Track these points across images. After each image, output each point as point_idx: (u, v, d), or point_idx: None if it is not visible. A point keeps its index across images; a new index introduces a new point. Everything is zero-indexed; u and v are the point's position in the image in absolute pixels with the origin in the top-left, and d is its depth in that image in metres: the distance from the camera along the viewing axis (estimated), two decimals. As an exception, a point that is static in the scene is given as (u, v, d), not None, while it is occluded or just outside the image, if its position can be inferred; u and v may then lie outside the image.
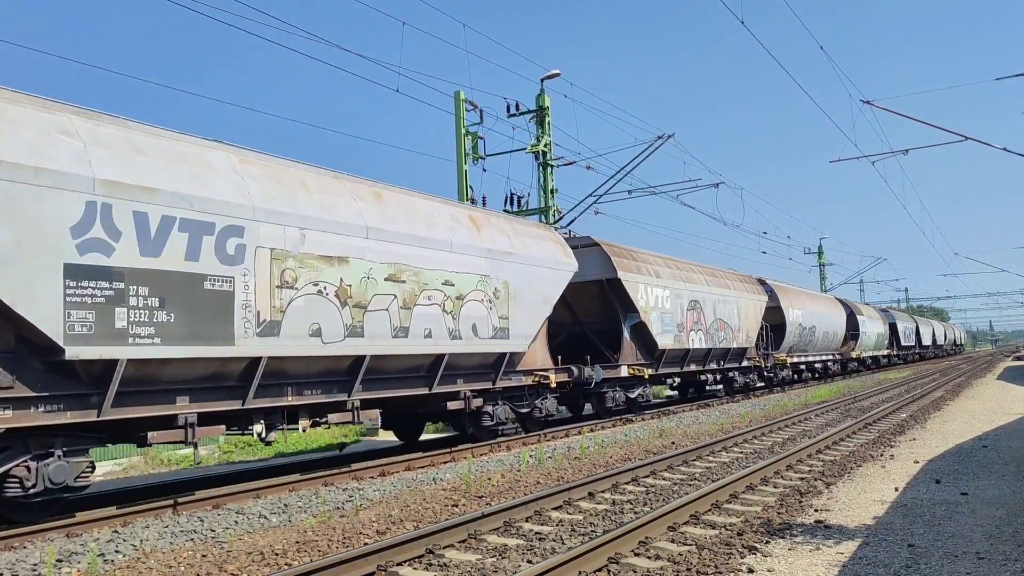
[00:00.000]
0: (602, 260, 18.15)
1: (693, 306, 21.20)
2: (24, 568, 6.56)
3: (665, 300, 19.67)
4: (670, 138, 25.86)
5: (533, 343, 14.50)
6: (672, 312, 19.95)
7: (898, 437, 13.88)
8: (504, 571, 6.05)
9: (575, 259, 15.81)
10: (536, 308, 14.32)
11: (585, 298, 18.68)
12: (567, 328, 19.22)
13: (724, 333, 23.27)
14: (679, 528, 7.21)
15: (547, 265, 14.80)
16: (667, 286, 19.92)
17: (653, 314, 19.00)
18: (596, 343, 18.80)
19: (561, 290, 15.12)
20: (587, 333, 19.07)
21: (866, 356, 44.23)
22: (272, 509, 8.81)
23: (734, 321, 24.23)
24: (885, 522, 7.34)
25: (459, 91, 24.49)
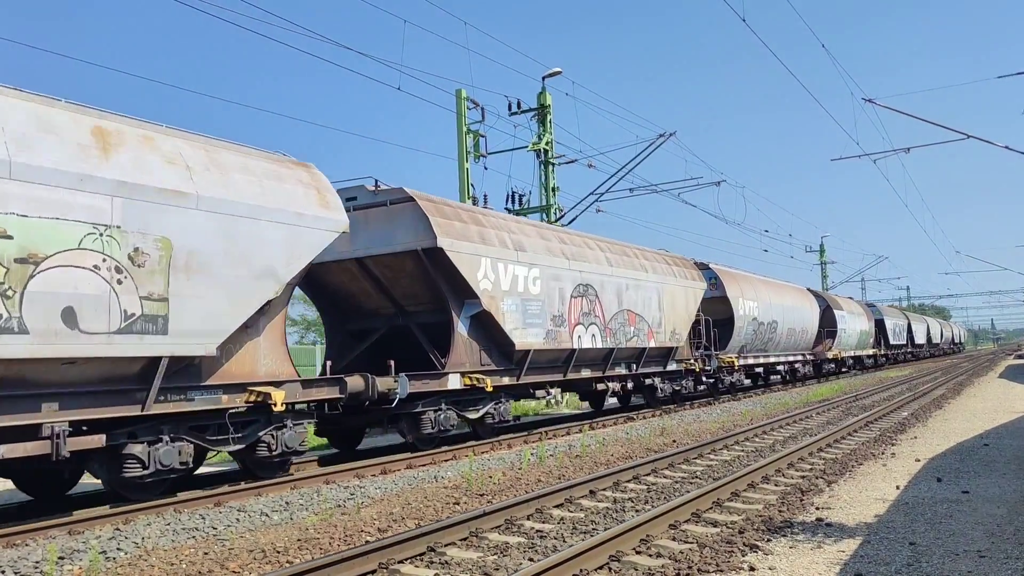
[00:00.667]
0: (417, 221, 12.73)
1: (582, 292, 16.26)
2: (26, 565, 6.57)
3: (531, 283, 14.65)
4: (671, 136, 25.87)
5: (248, 341, 9.78)
6: (544, 299, 14.97)
7: (899, 435, 13.88)
8: (505, 569, 6.06)
9: (343, 214, 10.85)
10: (244, 286, 9.35)
11: (405, 278, 13.44)
12: (387, 321, 14.29)
13: (635, 329, 18.19)
14: (680, 526, 7.21)
15: (275, 218, 9.77)
16: (534, 263, 14.78)
17: (507, 301, 13.91)
18: (422, 342, 13.75)
19: (309, 259, 10.25)
20: (412, 328, 13.96)
21: (846, 356, 39.28)
22: (273, 507, 8.82)
23: (652, 313, 19.13)
24: (886, 520, 7.34)
25: (460, 89, 24.51)
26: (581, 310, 16.17)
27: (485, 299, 13.43)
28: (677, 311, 20.44)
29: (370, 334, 14.33)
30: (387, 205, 13.00)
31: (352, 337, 14.62)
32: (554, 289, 15.35)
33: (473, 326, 13.64)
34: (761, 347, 27.25)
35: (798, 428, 15.56)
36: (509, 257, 14.17)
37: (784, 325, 28.95)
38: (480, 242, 13.54)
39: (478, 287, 13.28)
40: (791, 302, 30.57)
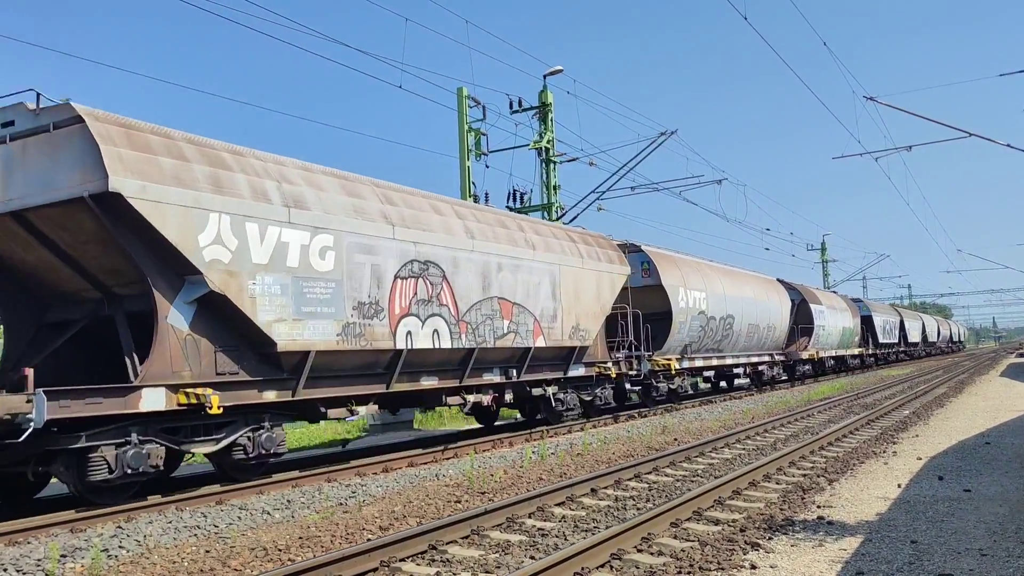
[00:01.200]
0: (85, 153, 8.54)
1: (418, 272, 11.98)
2: (28, 563, 6.58)
3: (315, 254, 10.43)
4: (673, 134, 25.85)
5: None
6: (342, 279, 10.70)
7: (901, 434, 13.87)
8: (507, 567, 6.06)
9: None
10: None
11: (91, 244, 9.25)
12: (90, 309, 10.06)
13: (512, 323, 13.97)
14: (682, 524, 7.21)
15: None
16: (323, 227, 10.53)
17: (261, 280, 9.75)
18: (122, 339, 9.63)
19: None
20: (117, 319, 9.83)
21: (826, 356, 34.87)
22: (275, 505, 8.83)
23: (541, 303, 14.83)
24: (888, 518, 7.34)
25: (462, 87, 24.50)
26: (415, 296, 11.85)
27: (216, 275, 9.24)
28: (584, 301, 16.19)
29: (67, 327, 10.16)
30: (50, 131, 8.79)
31: (53, 331, 10.36)
32: (362, 266, 10.98)
33: (200, 316, 9.37)
34: (713, 347, 23.18)
35: (799, 426, 15.56)
36: (271, 215, 9.89)
37: (743, 321, 24.86)
38: (210, 188, 9.27)
39: (202, 257, 9.10)
40: (753, 294, 26.37)
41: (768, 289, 28.30)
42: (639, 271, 19.90)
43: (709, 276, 23.17)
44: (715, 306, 22.66)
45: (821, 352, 33.75)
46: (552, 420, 16.38)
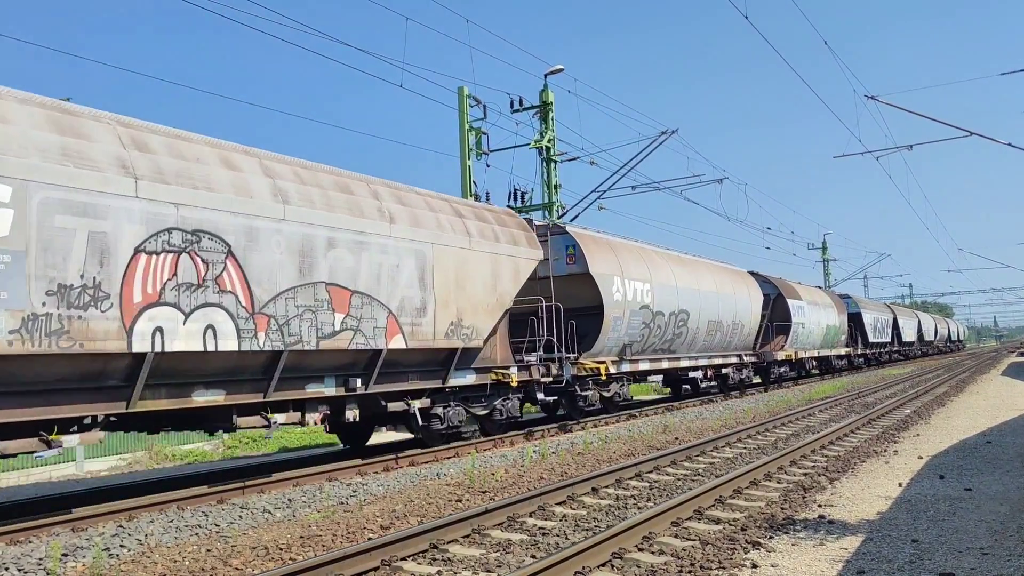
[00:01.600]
0: None
1: (184, 246, 8.64)
2: (29, 562, 6.59)
3: None
4: (674, 133, 25.84)
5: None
6: (26, 249, 7.33)
7: (901, 433, 13.87)
8: (508, 566, 6.06)
9: None
10: None
11: None
12: None
13: (351, 318, 10.55)
14: (683, 523, 7.21)
15: None
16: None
17: None
18: None
19: None
20: None
21: (807, 357, 31.36)
22: (276, 504, 8.83)
23: (402, 294, 11.41)
24: (889, 517, 7.33)
25: (462, 87, 24.49)
26: (173, 279, 8.51)
27: None
28: (471, 291, 12.76)
29: None
30: None
31: None
32: (70, 233, 7.66)
33: None
34: (663, 347, 19.74)
35: (800, 426, 15.55)
36: None
37: (701, 317, 21.37)
38: None
39: None
40: (714, 286, 22.57)
41: (735, 282, 24.75)
42: (563, 256, 16.53)
43: (656, 265, 19.55)
44: (664, 300, 19.13)
45: (801, 352, 30.39)
46: (430, 441, 13.04)
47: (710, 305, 21.91)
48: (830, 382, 31.29)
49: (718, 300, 22.51)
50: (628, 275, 17.72)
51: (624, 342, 17.61)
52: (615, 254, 17.81)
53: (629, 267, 18.01)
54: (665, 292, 19.30)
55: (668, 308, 19.33)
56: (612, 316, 16.86)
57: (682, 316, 20.18)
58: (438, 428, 12.60)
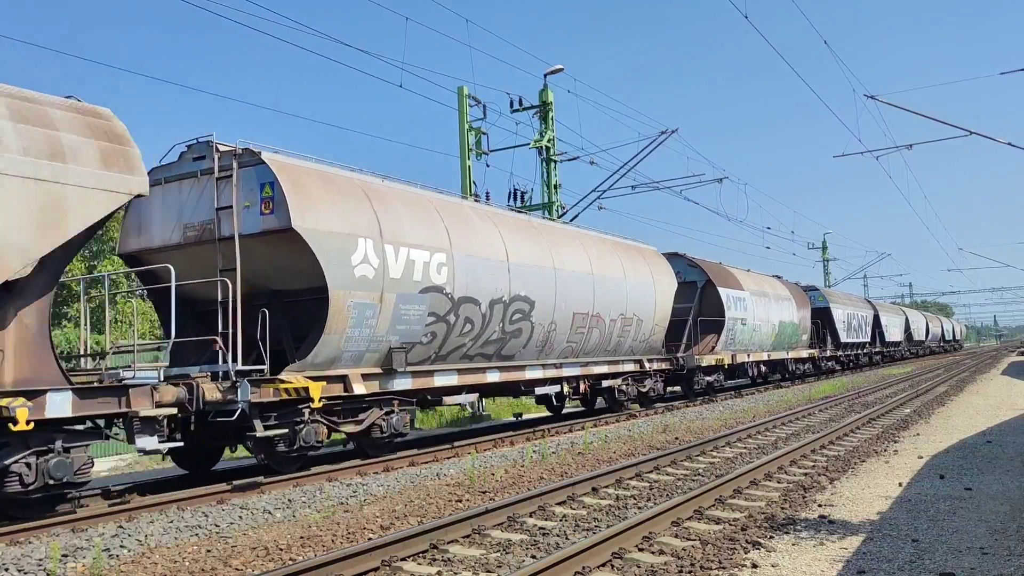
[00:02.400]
0: None
1: None
2: (29, 563, 6.58)
3: None
4: (673, 133, 25.85)
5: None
6: None
7: (901, 432, 13.87)
8: (508, 566, 6.06)
9: None
10: None
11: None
12: None
13: None
14: (683, 523, 7.21)
15: None
16: None
17: None
18: None
19: None
20: None
21: (750, 361, 25.64)
22: (276, 504, 8.83)
23: None
24: (889, 517, 7.33)
25: (462, 87, 24.51)
26: None
27: None
28: None
29: None
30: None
31: None
32: None
33: None
34: (480, 351, 13.67)
35: (800, 425, 15.55)
36: None
37: (562, 308, 15.42)
38: None
39: None
40: (590, 266, 16.57)
41: (628, 261, 18.43)
42: (258, 204, 10.51)
43: (467, 227, 13.25)
44: (477, 280, 13.03)
45: (742, 355, 24.79)
46: None
47: (580, 292, 15.95)
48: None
49: (595, 285, 16.52)
50: (390, 238, 11.52)
51: (391, 344, 11.64)
52: (368, 202, 11.47)
53: (393, 225, 11.65)
54: (480, 268, 13.21)
55: (488, 293, 13.33)
56: (346, 304, 10.77)
57: (519, 306, 14.17)
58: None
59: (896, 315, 52.49)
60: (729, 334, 23.87)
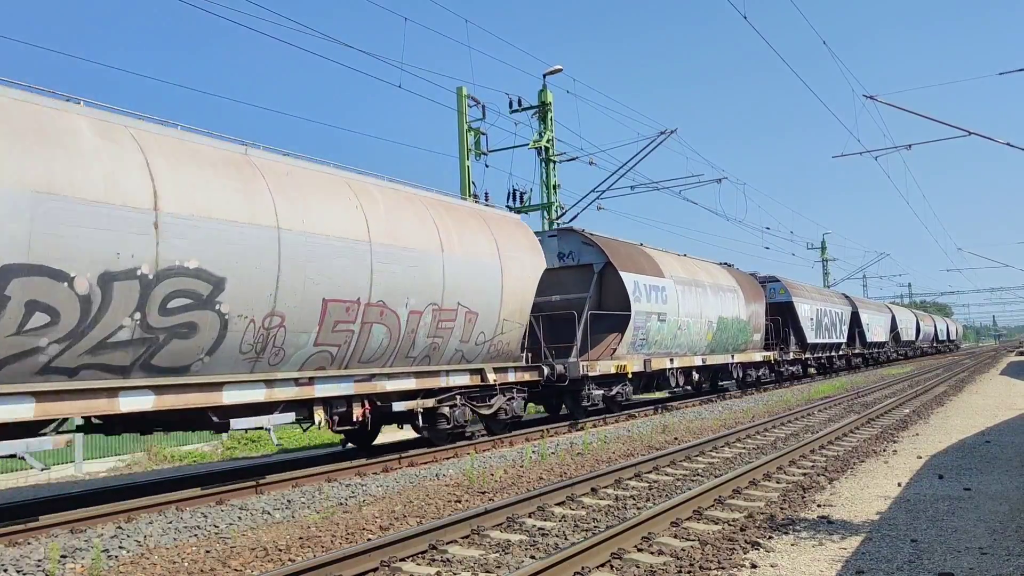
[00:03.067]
0: None
1: None
2: (28, 564, 6.58)
3: None
4: (672, 133, 25.85)
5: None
6: None
7: (901, 432, 13.87)
8: (507, 567, 6.06)
9: None
10: None
11: None
12: None
13: None
14: (682, 524, 7.21)
15: None
16: None
17: None
18: None
19: None
20: None
21: (675, 368, 19.95)
22: (275, 505, 8.83)
23: None
24: (888, 517, 7.34)
25: (461, 87, 24.51)
26: None
27: None
28: None
29: None
30: None
31: None
32: None
33: None
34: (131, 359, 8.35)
35: (799, 425, 15.56)
36: None
37: (284, 290, 9.78)
38: None
39: None
40: (352, 228, 10.81)
41: (454, 227, 12.94)
42: None
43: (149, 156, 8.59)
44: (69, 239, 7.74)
45: (659, 360, 19.03)
46: None
47: (338, 268, 10.46)
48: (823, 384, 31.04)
49: (373, 259, 11.00)
50: None
51: None
52: None
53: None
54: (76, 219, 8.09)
55: (89, 261, 8.00)
56: None
57: (183, 284, 8.87)
58: None
59: (879, 313, 46.73)
60: (638, 333, 17.97)
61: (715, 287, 22.80)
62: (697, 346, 21.37)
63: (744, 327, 24.49)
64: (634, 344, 18.08)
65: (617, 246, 18.67)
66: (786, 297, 30.01)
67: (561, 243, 18.42)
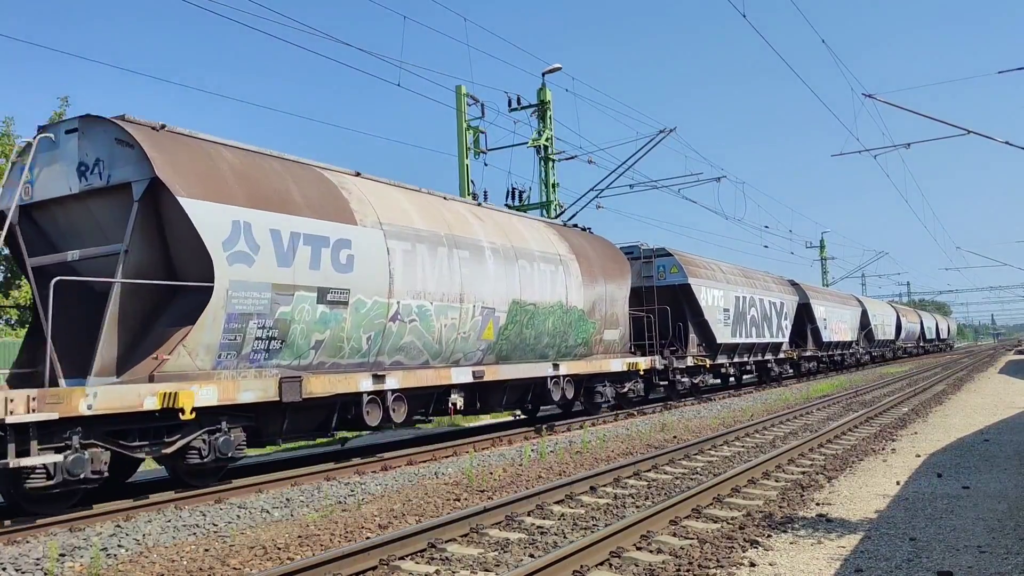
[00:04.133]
0: None
1: None
2: (27, 562, 6.57)
3: None
4: (672, 132, 25.84)
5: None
6: None
7: (899, 431, 13.88)
8: (506, 565, 6.06)
9: None
10: None
11: None
12: None
13: None
14: (681, 522, 7.21)
15: None
16: None
17: None
18: None
19: None
20: None
21: (391, 391, 11.17)
22: (274, 503, 8.83)
23: None
24: (887, 516, 7.34)
25: (460, 85, 24.50)
26: None
27: None
28: None
29: None
30: None
31: None
32: None
33: None
34: None
35: (798, 424, 15.57)
36: None
37: None
38: None
39: None
40: None
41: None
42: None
43: None
44: None
45: (337, 381, 10.56)
46: None
47: None
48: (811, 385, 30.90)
49: None
50: None
51: None
52: None
53: None
54: None
55: None
56: None
57: None
58: None
59: (843, 306, 38.24)
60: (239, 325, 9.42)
61: (510, 252, 14.25)
62: (459, 349, 12.95)
63: (580, 320, 16.10)
64: (229, 348, 9.28)
65: (179, 149, 9.38)
66: (680, 278, 21.03)
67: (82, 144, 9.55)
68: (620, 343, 17.96)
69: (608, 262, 17.80)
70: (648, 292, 20.86)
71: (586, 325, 16.44)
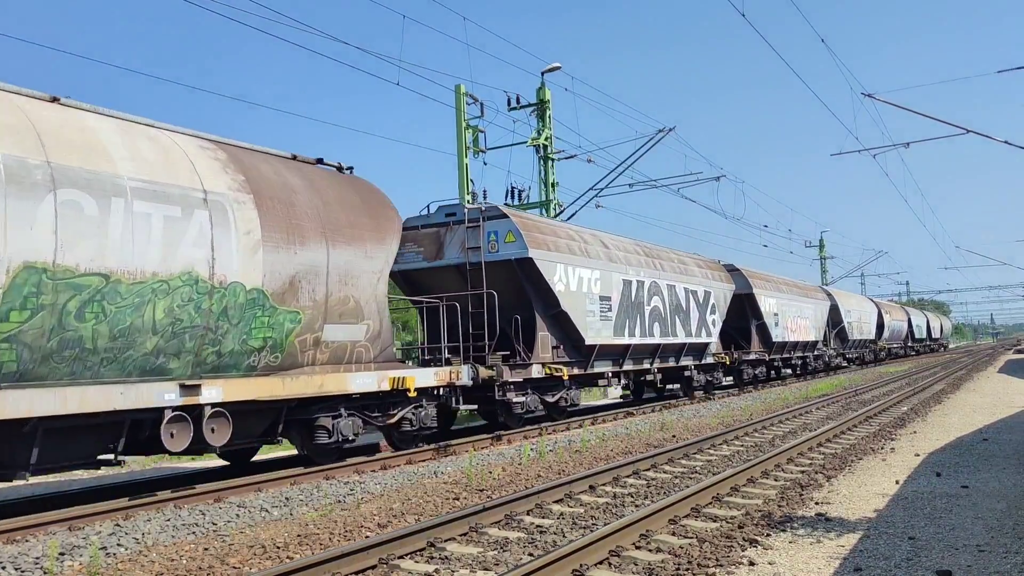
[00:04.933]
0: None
1: None
2: (26, 561, 6.57)
3: None
4: (671, 131, 25.86)
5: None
6: None
7: (899, 430, 13.89)
8: (505, 564, 6.06)
9: None
10: None
11: None
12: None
13: None
14: (680, 521, 7.22)
15: None
16: None
17: None
18: None
19: None
20: None
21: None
22: (274, 502, 8.83)
23: None
24: (886, 515, 7.35)
25: (460, 85, 24.48)
26: None
27: None
28: None
29: None
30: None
31: None
32: None
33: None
34: None
35: (797, 423, 15.58)
36: None
37: None
38: None
39: None
40: None
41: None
42: None
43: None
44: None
45: None
46: None
47: None
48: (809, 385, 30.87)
49: None
50: None
51: None
52: None
53: None
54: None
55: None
56: None
57: None
58: None
59: (805, 299, 31.99)
60: None
61: (45, 171, 6.59)
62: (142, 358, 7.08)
63: (255, 304, 9.81)
64: None
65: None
66: (517, 250, 14.82)
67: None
68: (374, 346, 11.58)
69: (350, 212, 11.27)
70: (475, 270, 14.96)
71: (275, 316, 9.98)
